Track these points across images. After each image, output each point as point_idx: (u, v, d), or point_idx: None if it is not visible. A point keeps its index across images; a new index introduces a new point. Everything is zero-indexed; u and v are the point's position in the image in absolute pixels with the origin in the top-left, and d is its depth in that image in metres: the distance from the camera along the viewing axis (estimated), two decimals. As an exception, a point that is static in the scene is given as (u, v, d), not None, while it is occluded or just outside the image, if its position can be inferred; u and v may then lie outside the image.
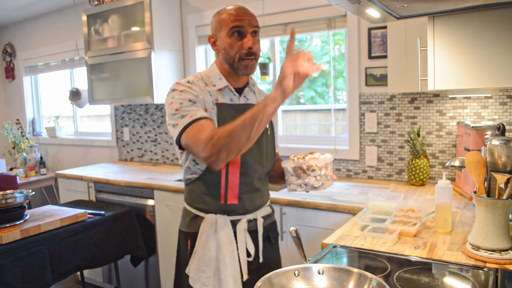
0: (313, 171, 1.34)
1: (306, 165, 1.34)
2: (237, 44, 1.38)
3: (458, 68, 1.29)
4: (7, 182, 3.28)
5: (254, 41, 1.40)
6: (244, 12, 1.40)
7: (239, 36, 1.38)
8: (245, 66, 1.40)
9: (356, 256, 1.32)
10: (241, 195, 1.46)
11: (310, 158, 1.36)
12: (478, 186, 1.25)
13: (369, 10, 1.23)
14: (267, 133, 1.53)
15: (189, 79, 1.44)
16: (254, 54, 1.40)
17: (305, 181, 1.35)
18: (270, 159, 1.56)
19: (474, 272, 1.15)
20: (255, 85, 1.59)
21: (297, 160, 1.36)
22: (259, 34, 1.44)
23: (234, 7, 1.41)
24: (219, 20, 1.42)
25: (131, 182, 2.77)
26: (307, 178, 1.35)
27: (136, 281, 2.89)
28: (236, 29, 1.37)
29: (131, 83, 3.24)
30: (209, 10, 3.10)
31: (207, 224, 1.45)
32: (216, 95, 1.44)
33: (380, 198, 1.75)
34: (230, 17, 1.38)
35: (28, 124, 4.68)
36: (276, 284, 0.96)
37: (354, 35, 2.49)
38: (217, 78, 1.46)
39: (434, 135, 2.32)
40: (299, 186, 1.37)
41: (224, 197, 1.45)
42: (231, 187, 1.44)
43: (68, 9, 4.06)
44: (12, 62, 4.79)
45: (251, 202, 1.50)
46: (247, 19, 1.38)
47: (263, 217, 1.55)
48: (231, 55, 1.40)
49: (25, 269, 1.94)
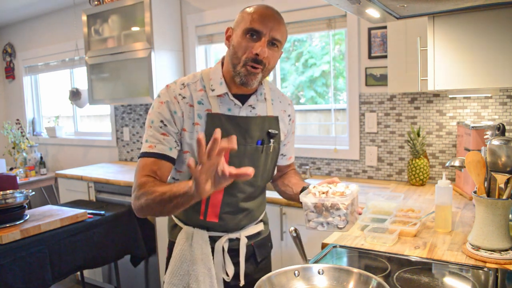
0: (338, 210, 1.14)
1: (331, 202, 1.14)
2: (247, 45, 1.20)
3: (458, 68, 1.29)
4: (7, 182, 3.28)
5: (268, 53, 1.21)
6: (270, 17, 1.21)
7: (253, 39, 1.20)
8: (245, 74, 1.21)
9: (356, 256, 1.32)
10: (222, 214, 1.33)
11: (334, 192, 1.17)
12: (478, 186, 1.25)
13: (369, 10, 1.23)
14: (268, 150, 1.36)
15: (185, 81, 1.30)
16: (262, 63, 1.20)
17: (327, 220, 1.16)
18: (266, 176, 1.41)
19: (474, 272, 1.15)
20: (270, 91, 1.41)
21: (319, 196, 1.17)
22: (280, 48, 1.26)
23: (263, 7, 1.23)
24: (242, 15, 1.24)
25: (131, 182, 2.77)
26: (330, 217, 1.16)
27: (136, 281, 2.89)
28: (252, 30, 1.19)
29: (131, 83, 3.24)
30: (209, 10, 3.10)
31: (182, 237, 1.36)
32: (212, 103, 1.27)
33: (380, 198, 1.75)
34: (253, 15, 1.20)
35: (28, 124, 4.68)
36: (276, 284, 0.96)
37: (354, 35, 2.49)
38: (218, 82, 1.28)
39: (434, 135, 2.32)
40: (320, 225, 1.17)
41: (204, 213, 1.32)
42: (212, 205, 1.31)
43: (68, 9, 4.06)
44: (12, 62, 4.79)
45: (234, 222, 1.36)
46: (269, 26, 1.19)
47: (249, 236, 1.41)
48: (237, 55, 1.22)
49: (25, 269, 1.94)
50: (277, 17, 1.23)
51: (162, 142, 1.23)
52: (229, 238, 1.37)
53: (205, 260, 1.32)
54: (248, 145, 1.30)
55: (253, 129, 1.31)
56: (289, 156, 1.54)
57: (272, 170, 1.44)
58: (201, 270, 1.31)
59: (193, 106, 1.27)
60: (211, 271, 1.32)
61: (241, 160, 1.29)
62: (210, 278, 1.32)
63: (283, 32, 1.25)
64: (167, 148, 1.24)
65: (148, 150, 1.23)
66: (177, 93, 1.27)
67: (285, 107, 1.45)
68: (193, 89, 1.28)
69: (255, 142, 1.32)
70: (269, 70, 1.27)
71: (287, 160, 1.54)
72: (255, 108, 1.34)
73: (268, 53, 1.21)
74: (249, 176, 0.94)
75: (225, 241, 1.36)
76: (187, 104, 1.26)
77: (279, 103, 1.43)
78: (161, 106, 1.25)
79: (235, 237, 1.37)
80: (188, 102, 1.26)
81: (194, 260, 1.32)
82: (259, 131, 1.33)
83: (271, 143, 1.36)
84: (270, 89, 1.43)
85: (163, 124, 1.24)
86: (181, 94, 1.27)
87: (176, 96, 1.26)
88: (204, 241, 1.33)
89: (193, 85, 1.29)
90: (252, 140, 1.31)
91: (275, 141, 1.38)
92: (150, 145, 1.23)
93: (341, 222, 1.15)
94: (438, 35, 1.31)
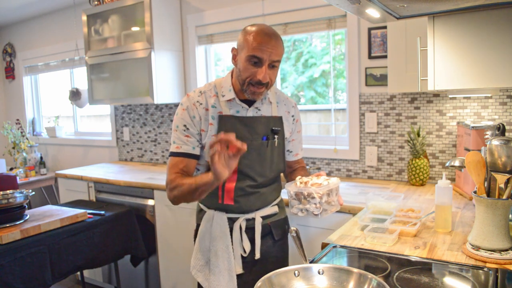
0: (313, 199, 1.31)
1: (307, 191, 1.32)
2: (251, 70, 1.41)
3: (458, 68, 1.29)
4: (7, 182, 3.28)
5: (269, 73, 1.42)
6: (268, 43, 1.39)
7: (255, 65, 1.41)
8: (252, 92, 1.45)
9: (356, 256, 1.32)
10: (237, 198, 1.54)
11: (312, 184, 1.34)
12: (478, 186, 1.25)
13: (369, 10, 1.23)
14: (273, 145, 1.57)
15: (202, 90, 1.54)
16: (264, 84, 1.44)
17: (306, 206, 1.34)
18: (276, 168, 1.61)
19: (474, 272, 1.15)
20: (275, 94, 1.63)
21: (299, 185, 1.35)
22: (279, 65, 1.46)
23: (261, 32, 1.39)
24: (244, 39, 1.42)
25: (131, 182, 2.77)
26: (308, 204, 1.33)
27: (136, 281, 2.89)
28: (254, 58, 1.39)
29: (131, 83, 3.24)
30: (209, 10, 3.10)
31: (205, 218, 1.59)
32: (223, 106, 1.51)
33: (380, 198, 1.75)
34: (253, 43, 1.38)
35: (28, 124, 4.68)
36: (276, 284, 0.96)
37: (354, 35, 2.49)
38: (227, 89, 1.52)
39: (434, 135, 2.32)
40: (300, 211, 1.35)
41: (221, 197, 1.55)
42: (227, 191, 1.53)
43: (68, 9, 4.06)
44: (12, 62, 4.79)
45: (248, 204, 1.56)
46: (268, 52, 1.38)
47: (265, 216, 1.61)
48: (242, 78, 1.44)
49: (25, 269, 1.94)
50: (274, 40, 1.41)
51: (186, 143, 1.49)
52: (246, 218, 1.58)
53: (224, 238, 1.54)
54: (254, 140, 1.53)
55: (258, 127, 1.54)
56: (296, 153, 1.75)
57: (281, 163, 1.64)
58: (219, 246, 1.54)
59: (208, 110, 1.51)
60: (228, 248, 1.54)
61: (250, 153, 1.49)
62: (227, 254, 1.54)
63: (281, 52, 1.45)
64: (191, 147, 1.50)
65: (175, 150, 1.50)
66: (195, 100, 1.51)
67: (289, 109, 1.67)
68: (208, 95, 1.53)
69: (261, 138, 1.54)
70: (272, 85, 1.49)
71: (293, 156, 1.75)
72: (260, 110, 1.56)
73: (269, 73, 1.43)
74: (244, 150, 1.20)
75: (242, 220, 1.57)
76: (204, 108, 1.51)
77: (283, 106, 1.65)
78: (183, 112, 1.51)
79: (251, 217, 1.58)
80: (204, 107, 1.51)
81: (213, 237, 1.55)
82: (264, 128, 1.55)
83: (275, 138, 1.58)
84: (275, 93, 1.65)
85: (186, 128, 1.50)
86: (199, 101, 1.51)
87: (195, 103, 1.51)
88: (222, 221, 1.55)
89: (208, 92, 1.53)
90: (258, 136, 1.54)
91: (279, 137, 1.59)
92: (177, 146, 1.50)
93: (316, 209, 1.32)
94: (438, 35, 1.31)
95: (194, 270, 1.60)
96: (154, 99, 3.07)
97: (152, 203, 2.70)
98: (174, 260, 2.67)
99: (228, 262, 1.53)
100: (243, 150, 1.20)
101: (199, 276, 1.58)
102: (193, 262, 1.60)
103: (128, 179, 2.85)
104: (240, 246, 1.57)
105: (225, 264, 1.53)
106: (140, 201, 2.76)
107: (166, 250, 2.69)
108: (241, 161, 1.48)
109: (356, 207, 1.89)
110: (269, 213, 1.63)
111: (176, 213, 2.58)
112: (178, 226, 2.59)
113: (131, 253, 2.60)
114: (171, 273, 2.70)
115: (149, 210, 2.72)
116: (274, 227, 1.65)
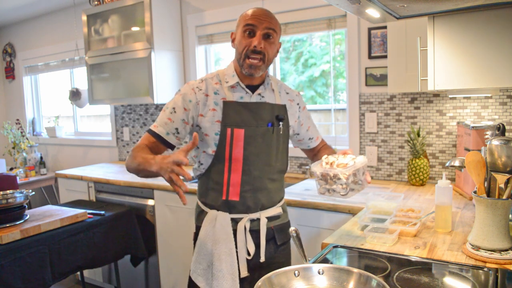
0: (339, 179, 1.28)
1: (333, 173, 1.29)
2: (246, 41, 1.43)
3: (458, 68, 1.29)
4: (7, 182, 3.27)
5: (264, 44, 1.43)
6: (262, 14, 1.44)
7: (250, 35, 1.43)
8: (249, 65, 1.43)
9: (356, 256, 1.32)
10: (243, 193, 1.49)
11: (338, 164, 1.32)
12: (478, 186, 1.25)
13: (369, 10, 1.23)
14: (278, 133, 1.53)
15: (203, 78, 1.54)
16: (260, 53, 1.42)
17: (332, 187, 1.32)
18: (281, 159, 1.58)
19: (474, 272, 1.15)
20: (277, 84, 1.62)
21: (325, 166, 1.33)
22: (275, 39, 1.47)
23: (255, 8, 1.47)
24: (239, 18, 1.48)
25: (131, 182, 2.77)
26: (334, 185, 1.31)
27: (136, 281, 2.89)
28: (248, 27, 1.42)
29: (131, 83, 3.24)
30: (209, 10, 3.10)
31: (207, 220, 1.53)
32: (227, 92, 1.49)
33: (380, 198, 1.75)
34: (247, 16, 1.44)
35: (28, 124, 4.68)
36: (276, 284, 0.96)
37: (354, 35, 2.49)
38: (231, 74, 1.51)
39: (434, 135, 2.32)
40: (327, 191, 1.34)
41: (226, 193, 1.50)
42: (232, 184, 1.49)
43: (68, 9, 4.06)
44: (12, 62, 4.79)
45: (254, 200, 1.51)
46: (261, 19, 1.42)
47: (269, 217, 1.56)
48: (239, 51, 1.45)
49: (25, 269, 1.94)
50: (268, 13, 1.46)
51: (164, 126, 1.48)
52: (250, 219, 1.52)
53: (227, 240, 1.48)
54: (259, 126, 1.50)
55: (263, 113, 1.51)
56: (316, 137, 1.76)
57: (286, 154, 1.61)
58: (223, 249, 1.47)
59: (209, 95, 1.49)
60: (232, 251, 1.48)
61: (255, 139, 1.48)
62: (231, 257, 1.48)
63: (275, 24, 1.46)
64: (165, 132, 1.48)
65: (151, 128, 1.49)
66: (194, 86, 1.50)
67: (292, 97, 1.65)
68: (209, 83, 1.51)
69: (266, 124, 1.51)
70: (269, 60, 1.48)
71: (315, 141, 1.76)
72: (264, 97, 1.54)
73: (265, 44, 1.43)
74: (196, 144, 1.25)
75: (246, 221, 1.51)
76: (204, 94, 1.48)
77: (286, 94, 1.63)
78: (178, 97, 1.50)
79: (255, 217, 1.53)
80: (204, 93, 1.49)
81: (216, 240, 1.48)
82: (269, 115, 1.52)
83: (280, 125, 1.54)
84: (277, 83, 1.63)
85: (174, 111, 1.47)
86: (198, 87, 1.50)
87: (194, 88, 1.49)
88: (226, 222, 1.49)
89: (210, 80, 1.52)
90: (263, 122, 1.50)
91: (284, 125, 1.56)
92: (155, 125, 1.49)
93: (342, 190, 1.30)
94: (438, 35, 1.31)
95: (194, 274, 1.53)
96: (154, 99, 3.07)
97: (152, 203, 2.70)
98: (174, 260, 2.67)
99: (232, 266, 1.47)
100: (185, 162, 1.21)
101: (200, 281, 1.51)
102: (193, 266, 1.53)
103: (128, 179, 2.85)
104: (244, 248, 1.51)
105: (228, 268, 1.47)
106: (140, 201, 2.76)
107: (166, 250, 2.69)
108: (246, 148, 1.46)
109: (356, 207, 1.89)
110: (274, 214, 1.57)
111: (176, 213, 2.58)
112: (178, 226, 2.59)
113: (131, 253, 2.60)
114: (171, 273, 2.70)
115: (149, 210, 2.72)
116: (277, 231, 1.59)
